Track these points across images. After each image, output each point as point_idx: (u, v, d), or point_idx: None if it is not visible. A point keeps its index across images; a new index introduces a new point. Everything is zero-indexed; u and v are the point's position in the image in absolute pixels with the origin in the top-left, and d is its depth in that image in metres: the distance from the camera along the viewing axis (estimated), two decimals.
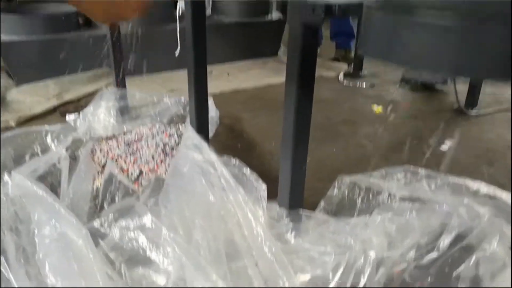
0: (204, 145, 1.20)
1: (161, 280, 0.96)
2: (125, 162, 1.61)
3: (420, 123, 2.10)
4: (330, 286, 0.98)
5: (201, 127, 1.48)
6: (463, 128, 2.06)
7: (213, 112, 1.92)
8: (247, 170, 1.22)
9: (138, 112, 1.99)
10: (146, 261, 1.00)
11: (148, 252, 1.00)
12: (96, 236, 1.08)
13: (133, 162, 1.61)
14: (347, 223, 1.06)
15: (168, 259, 0.96)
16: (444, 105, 2.36)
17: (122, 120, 1.92)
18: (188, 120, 1.64)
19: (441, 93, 2.53)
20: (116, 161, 1.63)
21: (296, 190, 1.06)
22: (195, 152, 1.21)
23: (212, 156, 1.16)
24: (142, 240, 1.02)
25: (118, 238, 1.05)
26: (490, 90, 2.53)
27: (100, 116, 1.88)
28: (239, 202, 1.06)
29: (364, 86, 2.61)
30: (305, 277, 0.98)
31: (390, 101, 2.37)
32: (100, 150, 1.68)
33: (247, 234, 1.03)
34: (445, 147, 1.81)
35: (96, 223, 1.11)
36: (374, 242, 1.02)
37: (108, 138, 1.79)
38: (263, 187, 1.15)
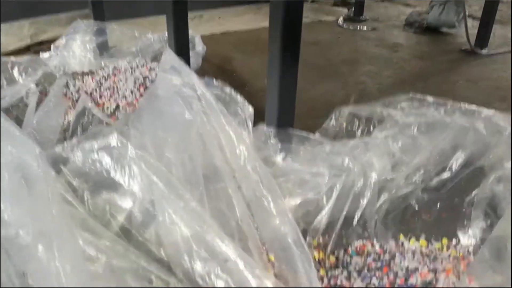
0: (184, 67, 1.04)
1: (126, 203, 0.83)
2: (101, 97, 1.45)
3: (427, 63, 1.94)
4: (324, 211, 0.85)
5: (181, 52, 1.32)
6: (473, 67, 1.90)
7: (199, 47, 1.75)
8: (231, 91, 1.07)
9: (118, 49, 1.82)
10: (111, 185, 0.86)
11: (113, 174, 0.86)
12: (58, 163, 0.94)
13: (110, 97, 1.46)
14: (344, 144, 0.92)
15: (135, 179, 0.82)
16: (451, 46, 2.19)
17: (100, 56, 1.75)
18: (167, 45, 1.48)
19: (448, 36, 2.35)
20: (91, 95, 1.48)
21: (286, 106, 0.91)
22: (174, 74, 1.05)
23: (193, 77, 1.01)
24: (107, 161, 0.87)
25: (81, 162, 0.91)
26: (500, 32, 2.35)
27: (76, 51, 1.71)
28: (221, 123, 0.91)
29: (365, 29, 2.42)
30: (294, 201, 0.85)
31: (393, 43, 2.20)
32: (74, 86, 1.53)
33: (229, 156, 0.89)
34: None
35: (58, 148, 0.97)
36: (375, 163, 0.88)
37: (84, 74, 1.63)
38: (249, 109, 1.01)
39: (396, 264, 0.75)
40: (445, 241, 0.86)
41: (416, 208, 0.88)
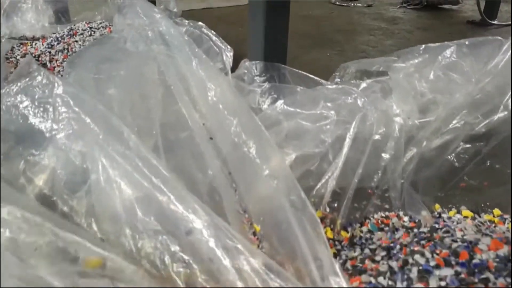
0: (148, 7, 0.79)
1: (48, 159, 0.57)
2: (52, 60, 1.20)
3: (432, 33, 1.73)
4: (330, 171, 0.60)
5: None
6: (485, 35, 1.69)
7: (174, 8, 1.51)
8: (208, 30, 0.83)
9: (83, 17, 1.57)
10: (30, 136, 0.61)
11: (33, 120, 0.61)
12: None
13: (63, 60, 1.20)
14: (355, 85, 0.68)
15: (60, 124, 0.57)
16: (456, 19, 1.99)
17: (57, 24, 1.50)
18: None
19: (450, 11, 2.15)
20: (39, 58, 1.22)
21: (275, 29, 0.67)
22: (134, 16, 0.81)
23: (157, 15, 0.76)
24: (26, 105, 0.62)
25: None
26: (506, 8, 2.16)
27: (27, 15, 1.45)
28: (190, 63, 0.67)
29: (360, 5, 2.22)
30: (288, 158, 0.60)
31: (392, 17, 1.99)
32: (20, 50, 1.27)
33: (200, 101, 0.65)
34: None
35: None
36: (398, 105, 0.64)
37: (34, 39, 1.38)
38: (228, 49, 0.76)
39: (442, 237, 0.51)
40: (497, 212, 0.62)
41: (458, 166, 0.64)
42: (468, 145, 0.62)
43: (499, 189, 0.67)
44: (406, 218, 0.61)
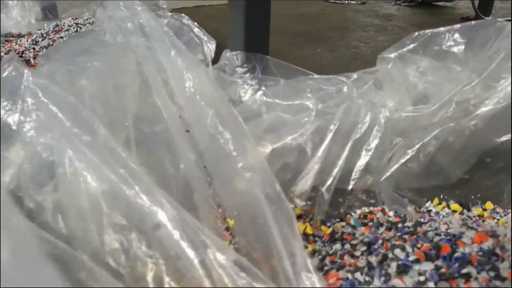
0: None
1: (15, 154, 0.55)
2: (35, 57, 1.17)
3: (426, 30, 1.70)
4: (311, 164, 0.58)
5: None
6: None
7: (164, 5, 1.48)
8: (189, 21, 0.80)
9: (71, 13, 1.54)
10: None
11: (0, 112, 0.58)
12: None
13: None
14: (344, 76, 0.65)
15: (28, 116, 0.54)
16: (450, 16, 1.97)
17: (44, 21, 1.47)
18: None
19: (445, 8, 2.13)
20: (23, 54, 1.20)
21: (256, 17, 0.64)
22: (118, 10, 0.78)
23: (139, 7, 0.74)
24: None
25: None
26: (500, 6, 2.15)
27: (13, 12, 1.42)
28: (170, 54, 0.64)
29: (354, 3, 2.20)
30: (264, 149, 0.58)
31: (386, 14, 1.97)
32: (4, 47, 1.25)
33: (177, 92, 0.62)
34: None
35: None
36: (387, 95, 0.62)
37: (20, 36, 1.35)
38: (210, 40, 0.74)
39: (426, 231, 0.48)
40: (489, 205, 0.60)
41: (445, 161, 0.61)
42: (458, 138, 0.60)
43: (490, 181, 0.64)
44: (391, 213, 0.59)
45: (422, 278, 0.37)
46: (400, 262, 0.40)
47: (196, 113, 0.58)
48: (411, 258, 0.40)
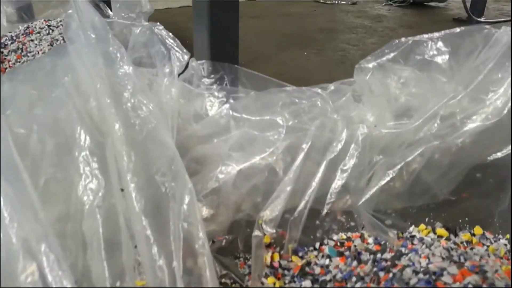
0: (90, 10, 0.70)
1: None
2: (3, 61, 1.11)
3: (418, 31, 1.65)
4: (281, 186, 0.52)
5: None
6: None
7: (147, 6, 1.41)
8: (164, 32, 0.74)
9: (49, 14, 1.48)
10: None
11: None
12: None
13: (16, 61, 1.11)
14: (321, 87, 0.60)
15: None
16: (442, 17, 1.92)
17: (19, 22, 1.40)
18: None
19: (436, 8, 2.08)
20: None
21: (223, 23, 0.58)
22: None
23: (95, 16, 0.67)
24: None
25: None
26: (493, 6, 2.10)
27: None
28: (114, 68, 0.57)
29: (344, 3, 2.14)
30: (231, 169, 0.52)
31: (376, 15, 1.91)
32: None
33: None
34: None
35: None
36: (366, 110, 0.56)
37: None
38: (183, 52, 0.67)
39: (404, 266, 0.43)
40: (478, 230, 0.54)
41: (431, 179, 0.56)
42: (444, 156, 0.54)
43: (479, 203, 0.59)
44: (371, 240, 0.53)
45: None
46: None
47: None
48: None
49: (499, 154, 0.52)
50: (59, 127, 0.49)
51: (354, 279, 0.42)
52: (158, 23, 0.82)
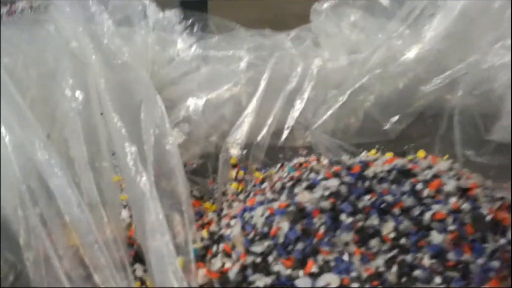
0: None
1: None
2: None
3: None
4: (245, 114, 0.59)
5: None
6: None
7: None
8: None
9: None
10: None
11: None
12: None
13: None
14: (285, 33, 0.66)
15: None
16: None
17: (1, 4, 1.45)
18: None
19: None
20: None
21: None
22: None
23: None
24: None
25: None
26: None
27: None
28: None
29: None
30: (199, 101, 0.58)
31: None
32: None
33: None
34: None
35: None
36: (324, 47, 0.63)
37: None
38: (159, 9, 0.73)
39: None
40: (421, 153, 0.61)
41: (381, 116, 0.63)
42: (388, 87, 0.61)
43: (423, 129, 0.65)
44: (326, 161, 0.60)
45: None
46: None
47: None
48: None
49: (435, 82, 0.60)
50: (43, 59, 0.55)
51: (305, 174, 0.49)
52: None
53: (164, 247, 0.36)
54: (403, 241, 0.37)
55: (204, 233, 0.43)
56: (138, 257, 0.43)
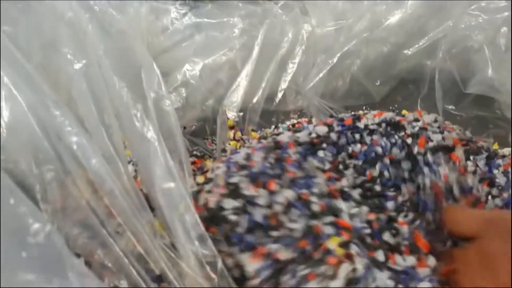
0: None
1: None
2: None
3: None
4: (240, 77, 0.61)
5: None
6: None
7: None
8: None
9: None
10: None
11: None
12: None
13: None
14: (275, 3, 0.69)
15: None
16: None
17: None
18: None
19: None
20: None
21: None
22: None
23: None
24: None
25: None
26: None
27: None
28: None
29: None
30: (197, 66, 0.61)
31: None
32: None
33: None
34: None
35: None
36: (313, 14, 0.66)
37: None
38: None
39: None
40: (405, 112, 0.66)
41: (367, 81, 0.67)
42: (374, 51, 0.65)
43: (405, 91, 0.70)
44: (315, 121, 0.64)
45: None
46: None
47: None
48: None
49: (416, 45, 0.64)
50: (43, 31, 0.56)
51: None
52: None
53: (176, 190, 0.39)
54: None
55: (201, 178, 0.46)
56: None
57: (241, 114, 0.62)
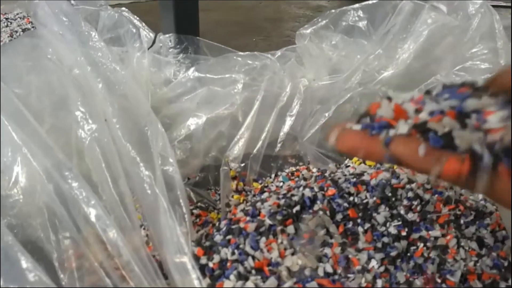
0: None
1: None
2: None
3: None
4: (242, 130, 0.64)
5: None
6: None
7: None
8: (129, 14, 0.83)
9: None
10: None
11: None
12: None
13: None
14: (271, 54, 0.72)
15: None
16: None
17: None
18: None
19: None
20: None
21: (185, 8, 0.70)
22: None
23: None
24: None
25: None
26: None
27: None
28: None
29: None
30: (199, 120, 0.63)
31: (317, 5, 2.08)
32: None
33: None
34: None
35: None
36: (308, 67, 0.70)
37: None
38: (148, 29, 0.77)
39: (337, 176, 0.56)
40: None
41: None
42: (367, 101, 0.69)
43: None
44: (315, 170, 0.67)
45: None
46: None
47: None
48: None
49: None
50: (53, 88, 0.58)
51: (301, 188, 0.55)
52: (123, 7, 0.91)
53: (187, 264, 0.41)
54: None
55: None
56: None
57: (243, 165, 0.64)
